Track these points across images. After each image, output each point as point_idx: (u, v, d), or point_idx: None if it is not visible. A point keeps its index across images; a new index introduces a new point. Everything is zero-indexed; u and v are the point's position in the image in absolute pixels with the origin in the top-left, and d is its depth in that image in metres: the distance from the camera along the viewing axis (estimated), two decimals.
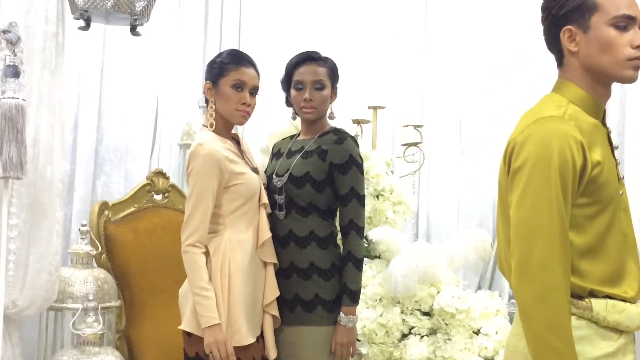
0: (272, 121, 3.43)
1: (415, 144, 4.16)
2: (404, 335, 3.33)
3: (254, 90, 2.59)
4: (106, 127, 4.27)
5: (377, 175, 3.55)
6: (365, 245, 3.30)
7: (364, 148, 3.32)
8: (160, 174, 3.64)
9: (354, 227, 2.59)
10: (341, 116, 2.90)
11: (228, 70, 2.55)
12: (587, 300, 1.74)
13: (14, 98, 2.75)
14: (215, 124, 2.56)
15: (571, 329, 1.68)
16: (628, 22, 1.77)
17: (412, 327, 3.31)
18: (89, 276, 3.22)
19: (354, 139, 2.69)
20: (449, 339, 3.26)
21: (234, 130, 2.70)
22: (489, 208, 4.65)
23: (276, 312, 2.57)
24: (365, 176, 2.98)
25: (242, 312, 2.45)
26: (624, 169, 4.04)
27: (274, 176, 2.66)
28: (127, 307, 3.39)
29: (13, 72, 2.76)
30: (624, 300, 1.77)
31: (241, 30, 4.58)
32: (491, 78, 4.69)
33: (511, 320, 1.82)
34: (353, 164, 2.59)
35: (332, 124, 2.73)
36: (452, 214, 4.71)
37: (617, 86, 2.45)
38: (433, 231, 4.70)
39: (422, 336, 3.30)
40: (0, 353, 2.82)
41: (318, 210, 2.61)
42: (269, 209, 2.63)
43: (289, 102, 2.73)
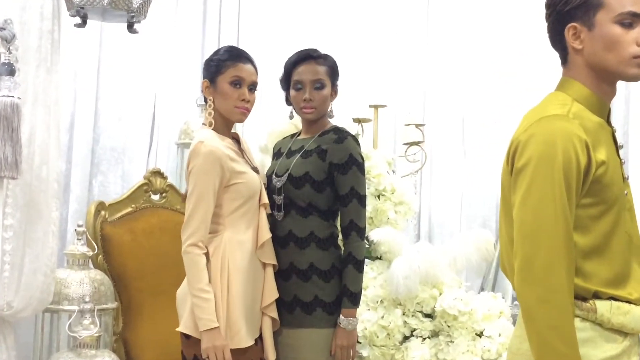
0: (271, 120, 3.43)
1: (417, 143, 4.14)
2: (406, 338, 3.32)
3: (252, 86, 2.58)
4: (103, 126, 4.25)
5: (379, 175, 3.55)
6: (366, 246, 3.29)
7: (365, 147, 3.32)
8: (158, 173, 3.60)
9: (354, 228, 2.57)
10: (342, 115, 2.88)
11: (225, 67, 2.54)
12: (591, 302, 1.73)
13: (9, 96, 2.73)
14: (214, 122, 2.55)
15: (575, 331, 1.67)
16: (634, 19, 1.75)
17: (414, 330, 3.31)
18: (85, 277, 3.20)
19: (355, 138, 2.67)
20: (451, 342, 3.26)
21: (233, 129, 2.68)
22: (492, 208, 4.64)
23: (275, 315, 2.55)
24: (366, 176, 3.00)
25: (241, 313, 2.44)
26: (628, 168, 4.08)
27: (274, 176, 2.65)
28: (124, 309, 3.38)
29: (8, 70, 2.74)
30: (628, 302, 1.76)
31: (240, 27, 4.56)
32: (495, 75, 4.68)
33: (514, 323, 1.83)
34: (353, 163, 2.57)
35: (333, 122, 2.71)
36: (454, 214, 4.70)
37: (622, 84, 2.43)
38: (435, 232, 4.69)
39: (424, 338, 3.30)
40: None
41: (318, 211, 2.59)
42: (269, 209, 2.61)
43: (289, 101, 2.71)
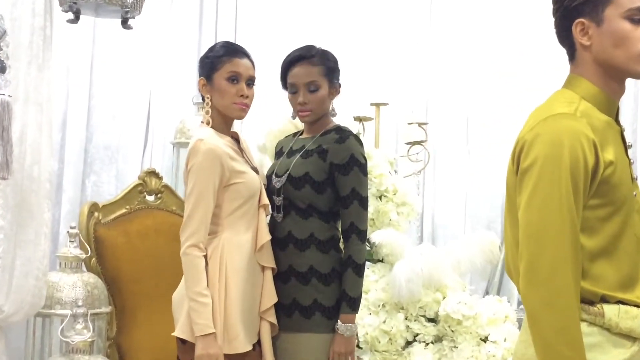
0: (269, 119, 3.43)
1: (419, 143, 4.13)
2: (408, 343, 3.32)
3: (250, 81, 2.54)
4: (96, 125, 4.24)
5: (380, 175, 3.56)
6: (368, 248, 3.31)
7: (366, 147, 3.33)
8: (153, 173, 3.59)
9: (354, 231, 2.53)
10: (343, 113, 2.85)
11: (221, 63, 2.50)
12: (598, 305, 1.72)
13: None
14: (213, 120, 2.52)
15: (581, 336, 1.66)
16: None
17: (417, 334, 3.31)
18: (78, 281, 3.19)
19: (358, 138, 2.63)
20: (455, 347, 3.26)
21: (232, 128, 2.65)
22: (497, 209, 4.65)
23: (274, 320, 2.52)
24: (368, 176, 2.93)
25: (239, 317, 2.41)
26: (637, 168, 4.10)
27: (273, 176, 2.62)
28: (118, 314, 3.37)
29: None
30: (637, 305, 1.74)
31: (238, 23, 4.57)
32: (499, 74, 4.69)
33: (520, 327, 1.81)
34: (355, 164, 2.53)
35: (335, 121, 2.67)
36: (458, 215, 4.72)
37: (631, 82, 2.41)
38: (438, 233, 4.71)
39: (427, 344, 3.30)
40: None
41: (318, 212, 2.56)
42: (269, 211, 2.59)
43: None
